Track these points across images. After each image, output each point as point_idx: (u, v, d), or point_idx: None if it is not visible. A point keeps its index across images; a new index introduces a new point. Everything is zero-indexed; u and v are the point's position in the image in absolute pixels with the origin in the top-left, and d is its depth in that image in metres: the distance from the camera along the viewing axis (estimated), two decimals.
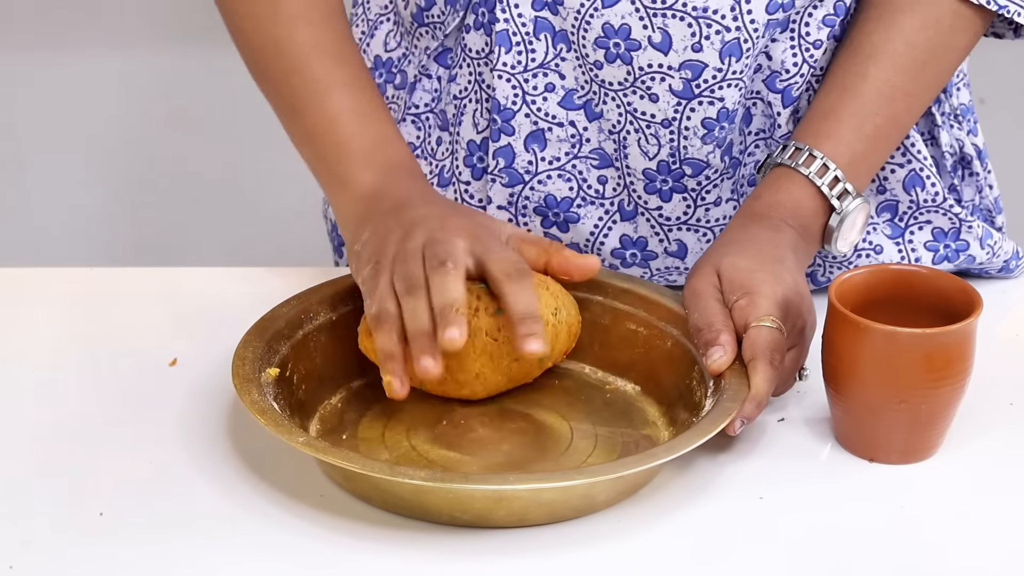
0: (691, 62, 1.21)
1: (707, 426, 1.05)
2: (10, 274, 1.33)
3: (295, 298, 1.17)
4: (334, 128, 1.21)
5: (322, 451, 1.02)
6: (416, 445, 1.10)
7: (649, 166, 1.26)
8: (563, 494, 1.02)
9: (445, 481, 1.00)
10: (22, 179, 2.35)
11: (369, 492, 1.04)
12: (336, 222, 1.22)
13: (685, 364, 1.15)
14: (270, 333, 1.13)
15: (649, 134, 1.24)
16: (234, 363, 1.09)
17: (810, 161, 1.20)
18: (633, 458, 1.04)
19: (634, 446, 1.11)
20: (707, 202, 1.28)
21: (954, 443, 1.12)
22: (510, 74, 1.24)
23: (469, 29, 1.26)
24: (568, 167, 1.27)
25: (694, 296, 1.14)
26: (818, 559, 1.02)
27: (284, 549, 1.02)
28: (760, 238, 1.17)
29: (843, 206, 1.20)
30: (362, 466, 1.01)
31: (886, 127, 1.22)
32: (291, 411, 1.10)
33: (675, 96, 1.23)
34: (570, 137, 1.26)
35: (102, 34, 2.26)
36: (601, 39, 1.21)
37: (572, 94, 1.25)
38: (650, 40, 1.21)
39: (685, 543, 1.03)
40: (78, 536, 1.03)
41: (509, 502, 1.02)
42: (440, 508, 1.02)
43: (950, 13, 1.22)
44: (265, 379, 1.09)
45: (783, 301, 1.12)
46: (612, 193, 1.28)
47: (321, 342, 1.16)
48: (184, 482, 1.07)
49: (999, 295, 1.32)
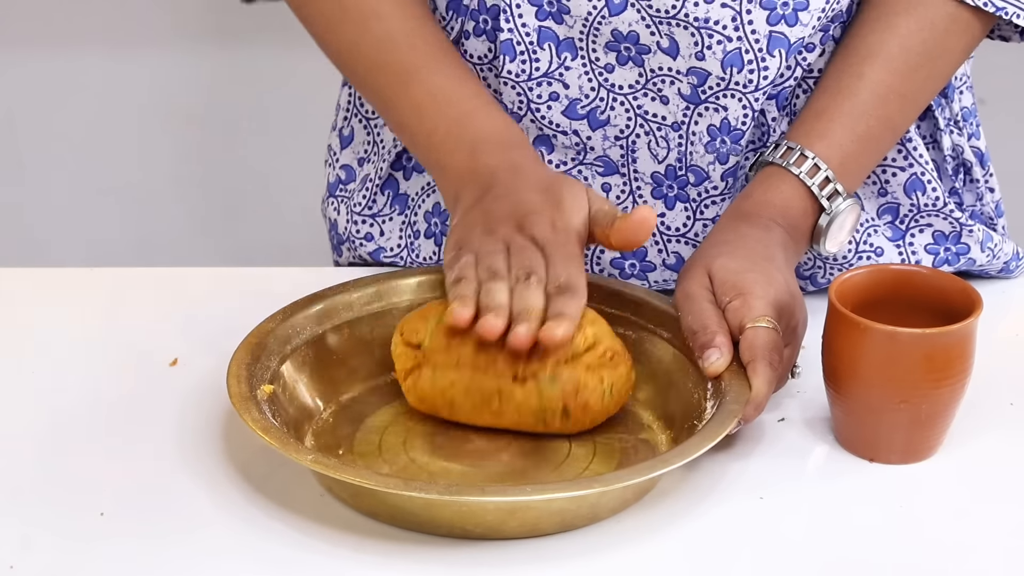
0: (696, 69, 1.21)
1: (715, 429, 1.05)
2: (10, 274, 1.33)
3: (280, 313, 1.16)
4: (419, 118, 1.22)
5: (333, 469, 1.01)
6: (415, 458, 1.10)
7: (658, 170, 1.26)
8: (574, 503, 1.02)
9: (461, 494, 0.99)
10: (22, 179, 2.35)
11: (376, 508, 1.03)
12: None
13: (678, 367, 1.14)
14: (259, 349, 1.12)
15: (660, 136, 1.24)
16: (228, 383, 1.08)
17: (801, 161, 1.20)
18: (645, 464, 1.03)
19: (633, 451, 1.11)
20: (706, 217, 1.28)
21: (954, 443, 1.12)
22: (515, 82, 1.24)
23: (469, 36, 1.26)
24: (574, 172, 1.27)
25: (686, 298, 1.14)
26: (818, 559, 1.02)
27: (283, 561, 1.02)
28: (750, 238, 1.17)
29: (833, 207, 1.20)
30: (376, 483, 0.99)
31: (879, 128, 1.22)
32: (285, 427, 1.09)
33: (684, 100, 1.23)
34: (574, 145, 1.26)
35: (103, 34, 2.26)
36: (612, 43, 1.22)
37: (575, 104, 1.25)
38: (659, 45, 1.21)
39: (691, 547, 1.03)
40: (78, 536, 1.03)
41: (523, 513, 1.01)
42: (452, 522, 1.01)
43: (946, 16, 1.22)
44: (261, 396, 1.08)
45: (776, 301, 1.12)
46: (615, 201, 1.28)
47: (309, 357, 1.16)
48: (185, 482, 1.07)
49: (999, 295, 1.32)
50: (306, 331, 1.16)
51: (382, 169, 1.34)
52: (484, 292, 1.08)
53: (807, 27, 1.22)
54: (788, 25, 1.21)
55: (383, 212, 1.35)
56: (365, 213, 1.35)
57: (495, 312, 1.06)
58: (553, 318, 1.06)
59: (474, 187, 1.17)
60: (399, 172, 1.34)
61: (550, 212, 1.13)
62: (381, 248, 1.35)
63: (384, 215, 1.35)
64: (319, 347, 1.16)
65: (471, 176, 1.18)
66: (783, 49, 1.21)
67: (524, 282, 1.08)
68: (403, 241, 1.34)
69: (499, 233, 1.12)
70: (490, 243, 1.12)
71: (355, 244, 1.36)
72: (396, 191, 1.34)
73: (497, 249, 1.11)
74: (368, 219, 1.35)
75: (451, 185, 1.19)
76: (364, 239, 1.35)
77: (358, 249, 1.36)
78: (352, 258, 1.38)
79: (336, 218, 1.38)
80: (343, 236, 1.38)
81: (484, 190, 1.16)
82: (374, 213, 1.35)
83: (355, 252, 1.37)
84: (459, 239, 1.14)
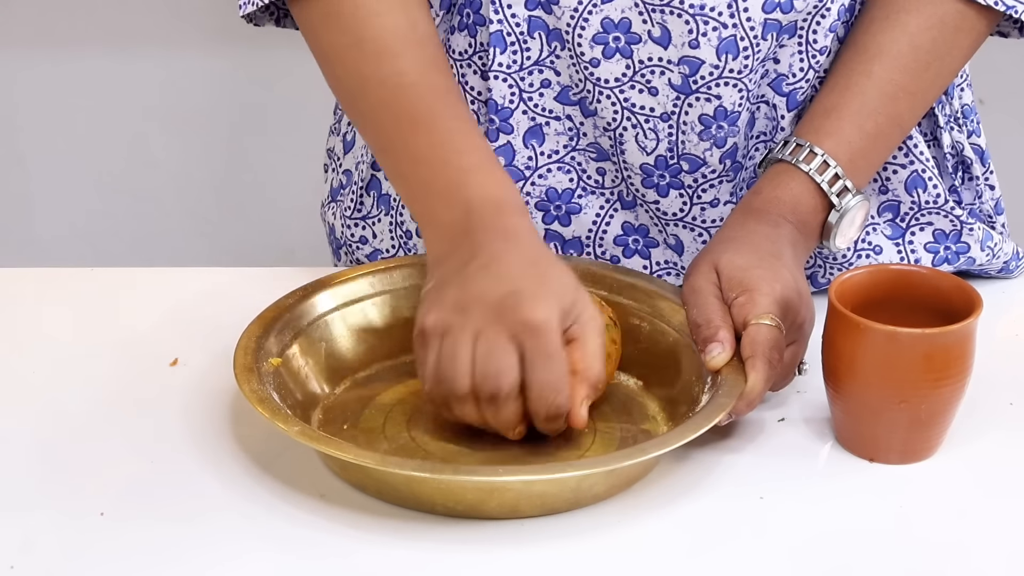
0: (688, 58, 1.21)
1: (700, 421, 1.06)
2: (10, 274, 1.33)
3: (301, 289, 1.18)
4: (415, 168, 1.15)
5: (315, 440, 1.03)
6: (416, 436, 1.11)
7: (647, 161, 1.26)
8: (555, 486, 1.03)
9: (435, 472, 1.01)
10: (23, 179, 2.35)
11: (364, 481, 1.05)
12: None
13: (686, 360, 1.15)
14: (274, 324, 1.14)
15: (648, 128, 1.24)
16: (236, 352, 1.10)
17: (811, 158, 1.20)
18: (623, 452, 1.04)
19: (632, 440, 1.12)
20: (704, 201, 1.28)
21: (954, 443, 1.12)
22: (506, 74, 1.24)
23: (454, 31, 1.26)
24: (567, 159, 1.27)
25: (693, 293, 1.14)
26: (818, 559, 1.02)
27: (285, 539, 1.02)
28: (758, 234, 1.17)
29: (842, 203, 1.20)
30: (355, 456, 1.01)
31: (888, 126, 1.22)
32: (294, 402, 1.11)
33: (674, 90, 1.23)
34: (567, 130, 1.26)
35: (103, 33, 2.26)
36: (600, 35, 1.22)
37: (568, 90, 1.25)
38: (650, 34, 1.21)
39: (677, 537, 1.04)
40: (78, 536, 1.03)
41: (501, 493, 1.02)
42: (433, 499, 1.03)
43: (955, 13, 1.22)
44: (267, 368, 1.10)
45: (782, 299, 1.12)
46: (611, 184, 1.28)
47: (326, 334, 1.17)
48: (184, 482, 1.07)
49: (999, 295, 1.32)
50: (326, 308, 1.18)
51: (363, 170, 1.34)
52: (457, 414, 1.07)
53: (800, 13, 1.22)
54: (783, 12, 1.21)
55: (372, 214, 1.34)
56: (356, 216, 1.35)
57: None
58: (549, 427, 1.07)
59: (458, 255, 1.09)
60: (380, 172, 1.33)
61: (530, 293, 1.05)
62: (377, 251, 1.35)
63: (373, 217, 1.34)
64: (338, 325, 1.18)
65: (459, 241, 1.10)
66: (774, 32, 1.22)
67: (490, 405, 1.05)
68: (396, 241, 1.34)
69: (470, 316, 1.05)
70: (456, 332, 1.05)
71: (352, 248, 1.36)
72: (380, 191, 1.34)
73: (463, 349, 1.04)
74: (359, 221, 1.35)
75: (439, 242, 1.12)
76: (359, 242, 1.36)
77: (355, 252, 1.36)
78: (349, 262, 1.38)
79: (333, 222, 1.38)
80: (340, 240, 1.38)
81: (467, 259, 1.08)
82: (364, 215, 1.35)
83: (352, 256, 1.37)
84: (427, 310, 1.07)
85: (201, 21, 2.24)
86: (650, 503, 1.06)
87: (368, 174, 1.33)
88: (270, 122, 2.30)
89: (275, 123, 2.30)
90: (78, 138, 2.32)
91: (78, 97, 2.29)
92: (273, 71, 2.23)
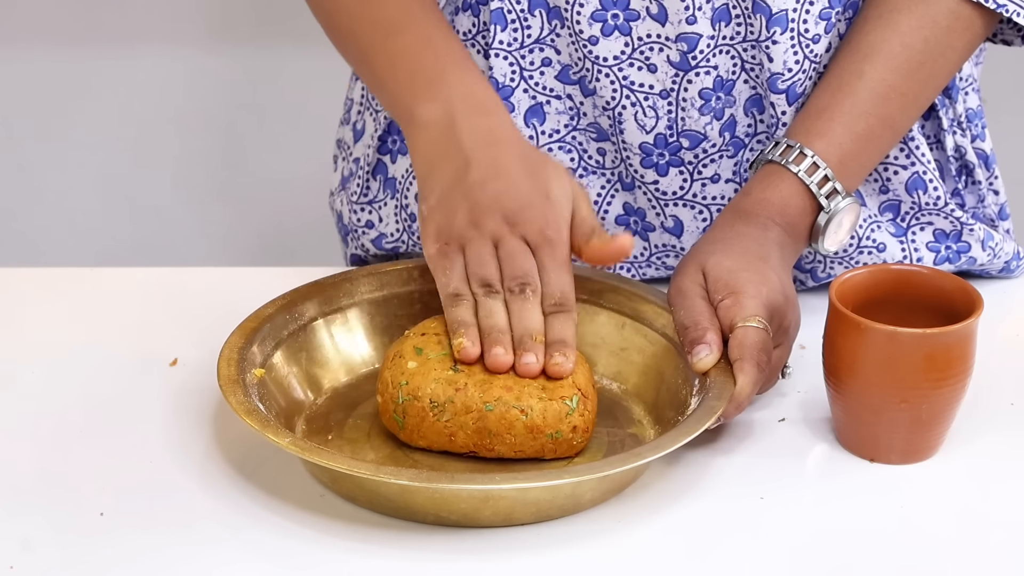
0: (686, 35, 1.22)
1: (692, 425, 1.05)
2: (10, 274, 1.33)
3: (280, 298, 1.17)
4: (394, 69, 1.20)
5: (307, 451, 1.02)
6: (401, 446, 1.10)
7: (646, 140, 1.26)
8: (549, 493, 1.03)
9: (431, 481, 1.00)
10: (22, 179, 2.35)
11: (355, 493, 1.05)
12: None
13: (669, 363, 1.15)
14: (255, 334, 1.13)
15: (647, 106, 1.25)
16: (219, 365, 1.09)
17: (800, 159, 1.20)
18: (618, 457, 1.04)
19: (620, 445, 1.12)
20: (704, 176, 1.28)
21: (954, 443, 1.12)
22: (507, 52, 1.25)
23: (457, 11, 1.27)
24: (568, 139, 1.28)
25: (679, 295, 1.14)
26: (818, 559, 1.02)
27: (277, 550, 1.02)
28: (746, 236, 1.17)
29: (831, 205, 1.20)
30: (348, 467, 1.01)
31: (879, 127, 1.22)
32: (277, 412, 1.10)
33: (673, 67, 1.23)
34: (568, 109, 1.26)
35: (103, 33, 2.26)
36: (598, 12, 1.22)
37: (568, 69, 1.26)
38: (648, 11, 1.22)
39: (673, 541, 1.04)
40: (78, 536, 1.03)
41: (495, 502, 1.02)
42: (426, 508, 1.02)
43: (948, 13, 1.22)
44: (251, 380, 1.09)
45: (768, 301, 1.12)
46: (612, 164, 1.28)
47: (307, 342, 1.16)
48: (184, 482, 1.07)
49: (999, 295, 1.32)
50: (305, 317, 1.17)
51: (370, 155, 1.34)
52: (483, 313, 1.09)
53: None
54: None
55: (378, 198, 1.35)
56: (362, 201, 1.36)
57: (502, 345, 1.08)
58: (555, 347, 1.08)
59: (450, 163, 1.14)
60: (386, 156, 1.34)
61: (540, 207, 1.12)
62: (382, 235, 1.35)
63: (379, 201, 1.35)
64: (317, 333, 1.17)
65: (446, 145, 1.15)
66: (764, 16, 1.22)
67: (520, 295, 1.09)
68: (400, 225, 1.34)
69: (486, 228, 1.12)
70: (478, 242, 1.12)
71: (358, 233, 1.37)
72: (386, 175, 1.34)
73: (487, 252, 1.11)
74: (365, 206, 1.36)
75: (424, 150, 1.16)
76: (365, 227, 1.36)
77: (361, 238, 1.37)
78: (356, 248, 1.39)
79: (341, 209, 1.39)
80: (348, 227, 1.38)
81: (462, 168, 1.13)
82: (370, 200, 1.35)
83: (359, 242, 1.38)
84: (440, 228, 1.13)
85: (201, 21, 2.23)
86: (645, 507, 1.06)
87: (375, 158, 1.34)
88: (270, 121, 2.30)
89: (275, 122, 2.30)
90: (78, 138, 2.32)
91: (78, 97, 2.29)
92: (273, 70, 2.23)
